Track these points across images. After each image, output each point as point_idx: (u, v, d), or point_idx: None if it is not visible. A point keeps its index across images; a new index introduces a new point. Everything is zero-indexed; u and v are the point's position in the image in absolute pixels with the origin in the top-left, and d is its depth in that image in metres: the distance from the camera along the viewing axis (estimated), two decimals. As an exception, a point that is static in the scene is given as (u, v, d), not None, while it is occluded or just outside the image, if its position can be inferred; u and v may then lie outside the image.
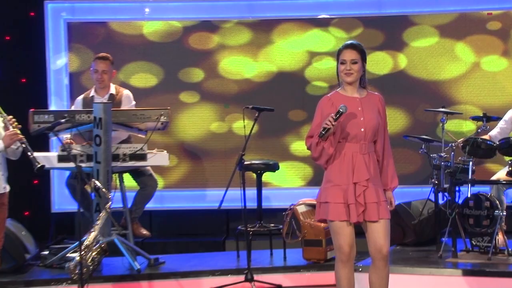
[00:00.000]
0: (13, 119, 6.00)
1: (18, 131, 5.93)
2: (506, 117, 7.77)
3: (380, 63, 9.11)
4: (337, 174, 4.99)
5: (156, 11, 9.31)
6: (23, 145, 5.93)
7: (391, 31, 9.17)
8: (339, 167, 4.99)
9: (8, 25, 9.21)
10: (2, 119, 6.01)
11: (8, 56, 9.11)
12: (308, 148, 5.08)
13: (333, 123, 4.85)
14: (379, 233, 4.97)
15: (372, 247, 5.01)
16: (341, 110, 4.89)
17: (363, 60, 5.09)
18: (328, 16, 9.24)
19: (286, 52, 9.28)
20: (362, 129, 4.99)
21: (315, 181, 8.98)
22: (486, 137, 7.46)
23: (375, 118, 5.04)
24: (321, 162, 5.06)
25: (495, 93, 9.01)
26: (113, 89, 7.54)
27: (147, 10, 9.29)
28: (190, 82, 9.27)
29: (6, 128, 5.97)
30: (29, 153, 5.91)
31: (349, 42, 5.16)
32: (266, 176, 8.37)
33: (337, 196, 4.96)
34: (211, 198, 8.86)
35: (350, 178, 4.95)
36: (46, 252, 7.39)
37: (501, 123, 7.76)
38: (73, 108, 7.67)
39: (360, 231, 5.13)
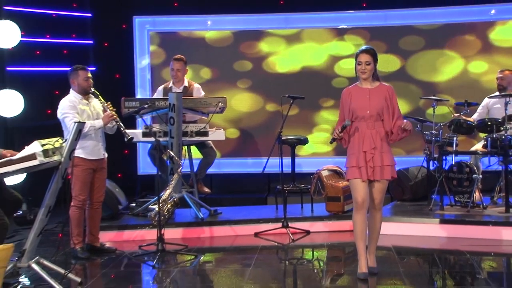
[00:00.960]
0: (110, 104, 6.07)
1: (114, 113, 6.00)
2: (483, 103, 7.66)
3: (385, 63, 8.96)
4: (352, 146, 5.09)
5: (214, 23, 9.26)
6: (118, 123, 6.01)
7: (394, 38, 9.03)
8: (353, 141, 5.09)
9: (106, 34, 9.31)
10: (102, 104, 6.09)
11: (106, 58, 9.25)
12: None
13: (340, 134, 5.01)
14: (375, 190, 5.07)
15: (370, 199, 5.08)
16: (345, 124, 5.01)
17: (375, 60, 5.10)
18: (346, 26, 9.13)
19: (316, 54, 9.18)
20: (368, 112, 5.03)
21: (336, 151, 8.99)
22: (470, 119, 7.34)
23: (380, 103, 5.05)
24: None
25: (474, 85, 8.84)
26: (186, 82, 7.52)
27: (209, 22, 9.26)
28: (242, 71, 9.24)
29: (104, 111, 6.07)
30: (121, 129, 5.98)
31: (364, 47, 5.15)
32: (298, 148, 8.34)
33: (352, 162, 5.07)
34: (256, 164, 8.84)
35: (361, 147, 5.04)
36: (134, 204, 7.50)
37: (479, 109, 7.64)
38: (155, 95, 7.68)
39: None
